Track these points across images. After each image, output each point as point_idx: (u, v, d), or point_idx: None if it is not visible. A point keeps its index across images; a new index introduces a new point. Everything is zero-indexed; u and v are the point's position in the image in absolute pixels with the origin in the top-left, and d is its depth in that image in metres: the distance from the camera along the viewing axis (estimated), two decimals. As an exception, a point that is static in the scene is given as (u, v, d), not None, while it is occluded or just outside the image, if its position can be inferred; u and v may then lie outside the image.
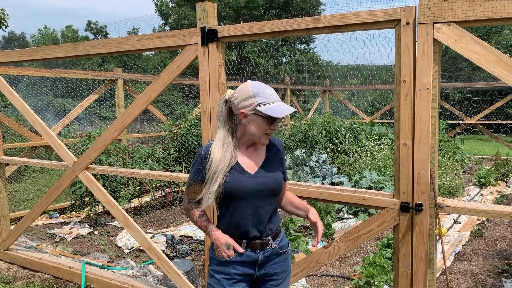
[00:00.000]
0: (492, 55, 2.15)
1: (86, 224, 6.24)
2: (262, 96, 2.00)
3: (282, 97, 12.45)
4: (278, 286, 2.18)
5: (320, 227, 2.10)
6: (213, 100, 3.05)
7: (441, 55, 2.41)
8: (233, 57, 22.56)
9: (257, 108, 1.98)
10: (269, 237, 2.15)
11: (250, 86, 2.02)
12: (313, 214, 2.17)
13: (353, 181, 7.28)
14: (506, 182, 8.86)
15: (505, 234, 5.60)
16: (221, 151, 2.04)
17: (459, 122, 12.87)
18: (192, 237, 5.64)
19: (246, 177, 2.06)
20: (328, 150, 9.74)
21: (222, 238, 2.10)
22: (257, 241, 2.12)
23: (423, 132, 2.33)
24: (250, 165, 2.10)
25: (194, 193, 2.16)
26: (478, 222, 5.98)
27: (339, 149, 9.79)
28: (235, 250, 2.09)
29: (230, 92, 2.09)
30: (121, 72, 8.52)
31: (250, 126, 2.04)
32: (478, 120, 12.66)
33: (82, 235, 5.82)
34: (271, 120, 2.02)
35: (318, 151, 9.15)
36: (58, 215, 6.86)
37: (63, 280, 4.33)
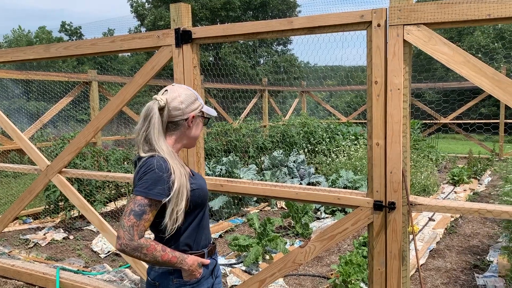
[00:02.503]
0: (459, 56, 2.20)
1: (61, 229, 6.11)
2: (199, 98, 2.02)
3: (260, 98, 12.52)
4: (220, 283, 2.16)
5: None
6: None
7: (412, 56, 2.46)
8: (210, 59, 22.50)
9: (203, 110, 2.00)
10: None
11: (190, 89, 2.00)
12: None
13: (330, 181, 7.34)
14: (479, 180, 9.10)
15: (477, 231, 5.74)
16: (176, 164, 1.84)
17: (432, 121, 13.15)
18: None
19: (200, 180, 2.02)
20: (305, 150, 9.80)
21: (196, 261, 1.91)
22: (212, 244, 2.06)
23: (395, 131, 2.37)
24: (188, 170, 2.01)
25: (147, 222, 1.79)
26: (452, 219, 6.11)
27: (316, 149, 9.87)
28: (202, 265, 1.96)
29: (163, 98, 1.90)
30: (95, 74, 8.40)
31: (193, 129, 1.98)
32: (452, 119, 12.96)
33: (56, 240, 5.70)
34: (205, 121, 2.06)
35: (296, 151, 9.20)
36: (31, 220, 6.70)
37: (36, 287, 4.24)
